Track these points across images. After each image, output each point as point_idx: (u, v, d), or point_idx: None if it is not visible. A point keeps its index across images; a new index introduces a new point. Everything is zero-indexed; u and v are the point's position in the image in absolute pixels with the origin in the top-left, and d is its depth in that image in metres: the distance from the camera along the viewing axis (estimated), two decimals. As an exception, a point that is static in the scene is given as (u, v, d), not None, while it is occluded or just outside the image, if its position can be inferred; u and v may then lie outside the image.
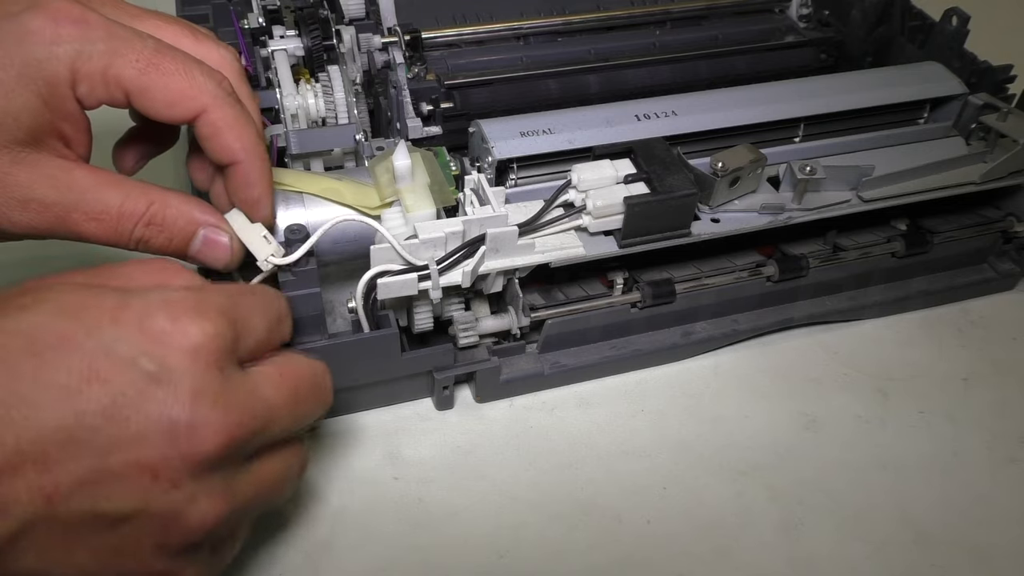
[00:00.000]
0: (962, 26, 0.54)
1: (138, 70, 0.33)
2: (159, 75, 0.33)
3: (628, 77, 0.56)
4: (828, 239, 0.51)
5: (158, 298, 0.29)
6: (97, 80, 0.33)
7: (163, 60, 0.34)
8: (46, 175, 0.34)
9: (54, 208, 0.34)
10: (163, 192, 0.36)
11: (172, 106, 0.34)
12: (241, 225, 0.38)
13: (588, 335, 0.47)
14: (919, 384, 0.49)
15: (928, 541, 0.42)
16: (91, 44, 0.33)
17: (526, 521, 0.41)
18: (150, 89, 0.33)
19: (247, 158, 0.36)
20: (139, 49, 0.33)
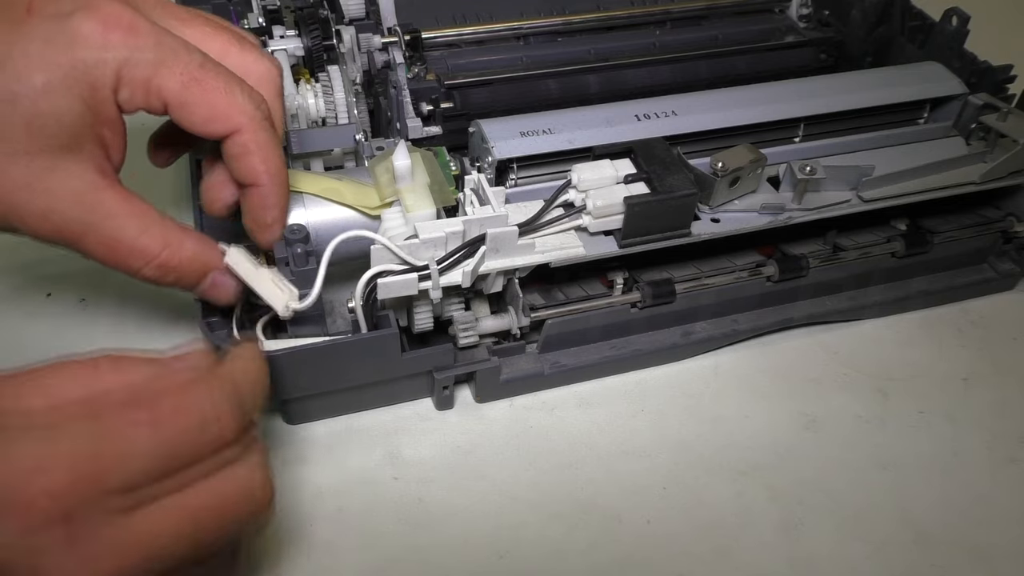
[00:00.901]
0: (962, 26, 0.54)
1: (181, 84, 0.33)
2: (201, 91, 0.34)
3: (628, 77, 0.56)
4: (828, 239, 0.51)
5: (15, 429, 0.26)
6: (139, 89, 0.33)
7: (207, 76, 0.34)
8: (73, 190, 0.33)
9: (71, 225, 0.34)
10: (180, 233, 0.36)
11: (208, 123, 0.34)
12: (247, 271, 0.37)
13: (588, 335, 0.47)
14: (919, 384, 0.49)
15: (928, 541, 0.42)
16: (139, 52, 0.33)
17: (526, 521, 0.41)
18: (190, 104, 0.34)
19: (269, 182, 0.36)
20: (185, 63, 0.34)
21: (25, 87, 0.32)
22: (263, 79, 0.37)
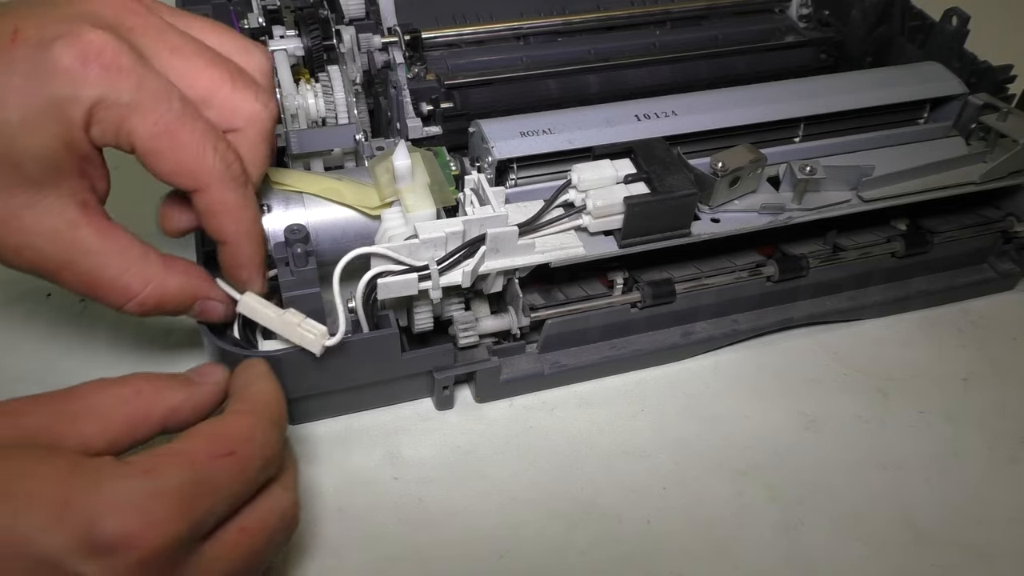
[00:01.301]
0: (962, 26, 0.54)
1: (152, 133, 0.32)
2: (171, 144, 0.32)
3: (628, 77, 0.56)
4: (828, 239, 0.51)
5: (108, 496, 0.27)
6: (110, 129, 0.32)
7: (181, 129, 0.32)
8: (51, 228, 0.32)
9: (47, 262, 0.33)
10: (163, 269, 0.35)
11: (173, 176, 0.33)
12: (266, 318, 0.37)
13: (588, 335, 0.47)
14: (919, 384, 0.49)
15: (928, 541, 0.42)
16: (115, 92, 0.31)
17: (526, 521, 0.41)
18: (158, 154, 0.33)
19: (237, 241, 0.35)
20: (162, 112, 0.32)
21: (3, 121, 0.31)
22: (252, 122, 0.35)
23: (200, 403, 0.33)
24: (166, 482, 0.28)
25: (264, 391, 0.34)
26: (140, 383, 0.31)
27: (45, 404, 0.29)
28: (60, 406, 0.29)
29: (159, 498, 0.28)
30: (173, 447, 0.30)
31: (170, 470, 0.28)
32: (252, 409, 0.33)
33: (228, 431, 0.31)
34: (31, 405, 0.29)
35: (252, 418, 0.32)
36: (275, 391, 0.34)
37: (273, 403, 0.34)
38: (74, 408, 0.29)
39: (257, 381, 0.34)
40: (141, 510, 0.27)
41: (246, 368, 0.36)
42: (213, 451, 0.30)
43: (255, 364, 0.36)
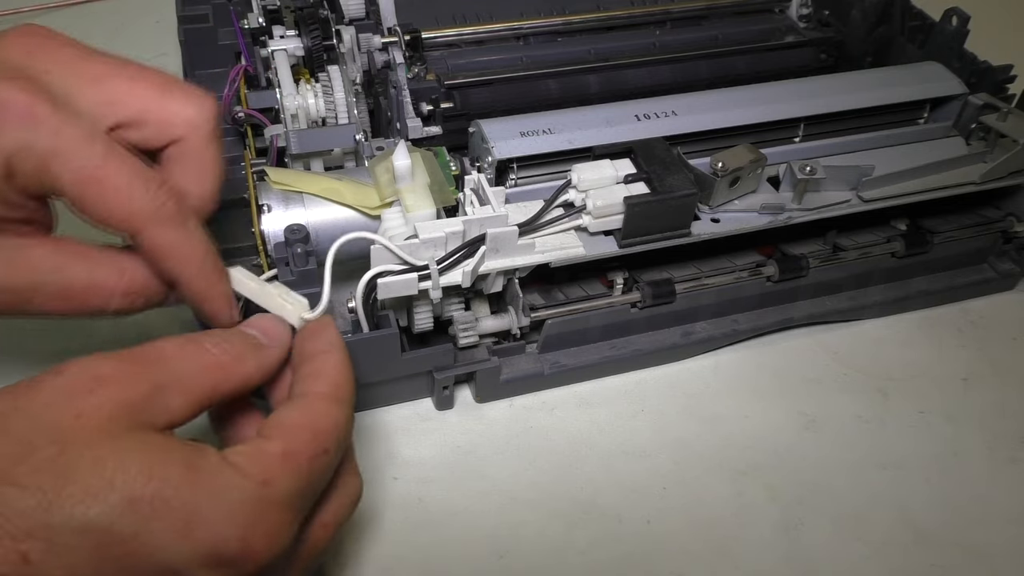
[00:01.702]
0: (962, 26, 0.54)
1: (77, 180, 0.30)
2: (97, 188, 0.30)
3: (628, 77, 0.56)
4: (828, 239, 0.51)
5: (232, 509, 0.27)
6: (31, 178, 0.30)
7: (106, 174, 0.30)
8: (1, 260, 0.31)
9: (16, 293, 0.32)
10: (132, 257, 0.33)
11: (105, 221, 0.31)
12: (252, 290, 0.36)
13: (588, 335, 0.47)
14: (919, 384, 0.49)
15: (928, 541, 0.42)
16: (33, 142, 0.29)
17: (526, 521, 0.41)
18: (85, 200, 0.30)
19: (187, 280, 0.33)
20: (83, 157, 0.30)
21: None
22: (191, 128, 0.34)
23: (268, 369, 0.33)
24: (282, 492, 0.28)
25: (340, 369, 0.33)
26: (220, 352, 0.31)
27: (135, 373, 0.28)
28: (150, 376, 0.28)
29: (277, 510, 0.28)
30: (279, 449, 0.29)
31: (283, 479, 0.29)
32: (335, 395, 0.32)
33: (321, 426, 0.31)
34: (120, 371, 0.28)
35: (337, 407, 0.32)
36: (349, 367, 0.33)
37: (350, 383, 0.33)
38: (162, 379, 0.29)
39: (330, 352, 0.33)
40: (263, 525, 0.28)
41: (315, 332, 0.34)
42: (312, 452, 0.30)
43: (325, 328, 0.34)
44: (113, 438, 0.26)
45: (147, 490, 0.26)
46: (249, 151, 0.50)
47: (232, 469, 0.28)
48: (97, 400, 0.27)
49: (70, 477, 0.25)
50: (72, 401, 0.26)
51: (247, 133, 0.51)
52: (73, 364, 0.28)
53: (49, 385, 0.27)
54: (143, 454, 0.26)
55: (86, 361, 0.28)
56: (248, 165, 0.46)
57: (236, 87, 0.51)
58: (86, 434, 0.26)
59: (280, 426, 0.30)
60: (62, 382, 0.27)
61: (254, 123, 0.51)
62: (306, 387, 0.32)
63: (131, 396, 0.27)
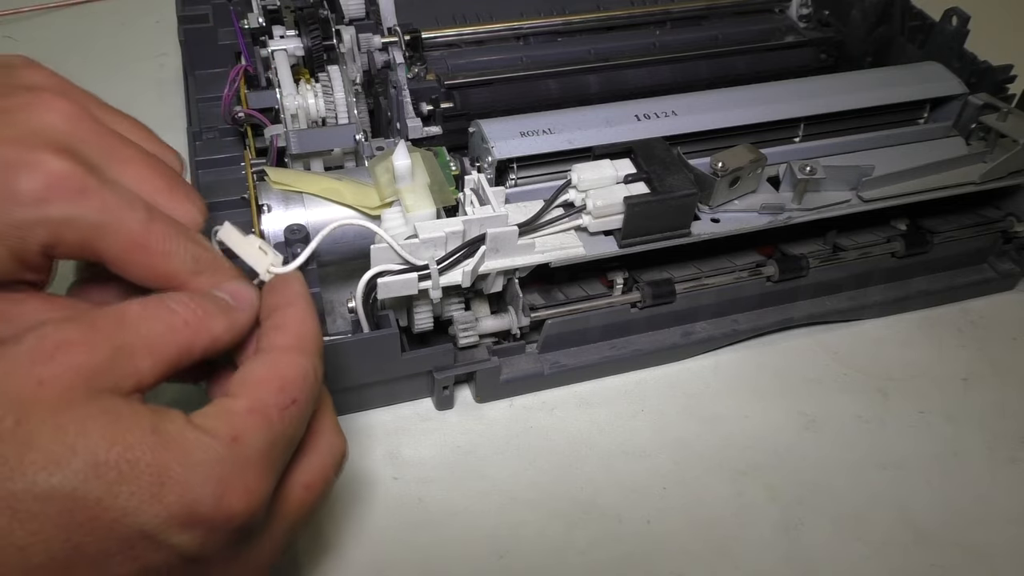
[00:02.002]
0: (962, 26, 0.54)
1: (123, 248, 0.31)
2: (142, 254, 0.31)
3: (628, 77, 0.56)
4: (828, 239, 0.51)
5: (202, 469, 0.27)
6: (74, 248, 0.31)
7: (149, 238, 0.31)
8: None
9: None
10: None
11: (146, 281, 0.32)
12: (236, 240, 0.36)
13: (588, 335, 0.47)
14: (919, 384, 0.49)
15: (928, 541, 0.42)
16: (81, 215, 0.30)
17: (526, 521, 0.41)
18: (130, 265, 0.32)
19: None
20: (129, 226, 0.31)
21: None
22: (189, 224, 0.34)
23: (239, 331, 0.32)
24: (252, 448, 0.28)
25: (303, 319, 0.33)
26: (186, 311, 0.30)
27: (98, 336, 0.28)
28: (114, 339, 0.28)
29: (249, 467, 0.28)
30: (246, 405, 0.29)
31: (253, 434, 0.28)
32: (300, 346, 0.32)
33: (287, 377, 0.30)
34: (83, 336, 0.27)
35: (302, 357, 0.31)
36: (314, 318, 0.33)
37: (315, 333, 0.33)
38: (127, 341, 0.28)
39: (294, 304, 0.33)
40: (236, 481, 0.27)
41: (280, 286, 0.34)
42: (280, 403, 0.30)
43: (290, 282, 0.34)
44: (75, 405, 0.26)
45: (111, 455, 0.25)
46: (249, 151, 0.50)
47: (199, 431, 0.28)
48: (58, 367, 0.26)
49: (31, 445, 0.25)
50: (33, 368, 0.26)
51: (247, 133, 0.51)
52: (33, 331, 0.27)
53: (10, 353, 0.26)
54: (106, 419, 0.26)
55: (47, 327, 0.27)
56: (248, 165, 0.46)
57: (236, 87, 0.51)
58: (47, 402, 0.25)
59: (244, 383, 0.30)
60: (23, 350, 0.26)
61: (254, 123, 0.51)
62: (270, 340, 0.32)
63: (94, 360, 0.27)
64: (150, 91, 0.67)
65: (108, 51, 0.71)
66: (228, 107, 0.51)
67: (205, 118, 0.57)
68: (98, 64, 0.70)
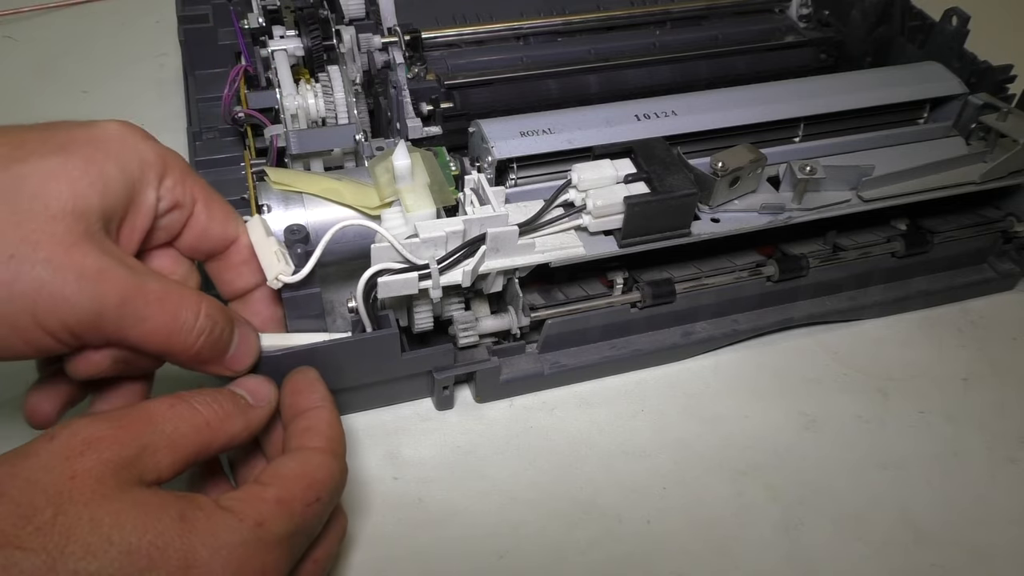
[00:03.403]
0: (962, 26, 0.54)
1: (203, 188, 0.35)
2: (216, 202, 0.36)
3: (628, 77, 0.56)
4: (828, 239, 0.51)
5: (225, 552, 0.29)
6: (178, 182, 0.34)
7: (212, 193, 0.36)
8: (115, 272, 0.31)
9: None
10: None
11: (224, 224, 0.36)
12: (259, 237, 0.38)
13: (588, 335, 0.47)
14: (919, 384, 0.49)
15: (928, 541, 0.42)
16: (172, 157, 0.34)
17: (526, 521, 0.41)
18: (211, 206, 0.36)
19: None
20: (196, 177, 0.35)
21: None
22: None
23: (256, 429, 0.34)
24: (274, 535, 0.30)
25: (332, 424, 0.35)
26: (208, 412, 0.32)
27: (125, 434, 0.29)
28: (140, 437, 0.30)
29: (269, 551, 0.30)
30: (274, 495, 0.31)
31: (276, 521, 0.30)
32: (330, 448, 0.34)
33: (316, 477, 0.33)
34: (111, 434, 0.29)
35: (331, 460, 0.34)
36: (339, 421, 0.36)
37: (342, 436, 0.35)
38: (151, 440, 0.30)
39: (322, 408, 0.35)
40: (257, 563, 0.29)
41: (305, 388, 0.36)
42: (306, 499, 0.32)
43: (313, 383, 0.37)
44: (107, 497, 0.28)
45: (143, 542, 0.27)
46: (249, 151, 0.50)
47: (226, 513, 0.29)
48: (89, 461, 0.28)
49: (70, 537, 0.26)
50: (67, 463, 0.28)
51: (247, 133, 0.51)
52: (65, 428, 0.29)
53: (44, 450, 0.28)
54: (137, 510, 0.28)
55: (77, 424, 0.29)
56: (248, 165, 0.46)
57: (236, 87, 0.51)
58: (81, 494, 0.27)
59: (277, 475, 0.32)
60: (56, 446, 0.28)
61: (254, 123, 0.51)
62: (301, 441, 0.34)
63: (121, 456, 0.29)
64: (150, 91, 0.67)
65: (108, 51, 0.71)
66: (228, 107, 0.51)
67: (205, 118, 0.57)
68: (98, 64, 0.69)
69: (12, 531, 0.26)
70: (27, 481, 0.27)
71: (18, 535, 0.26)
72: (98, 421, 0.29)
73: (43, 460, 0.28)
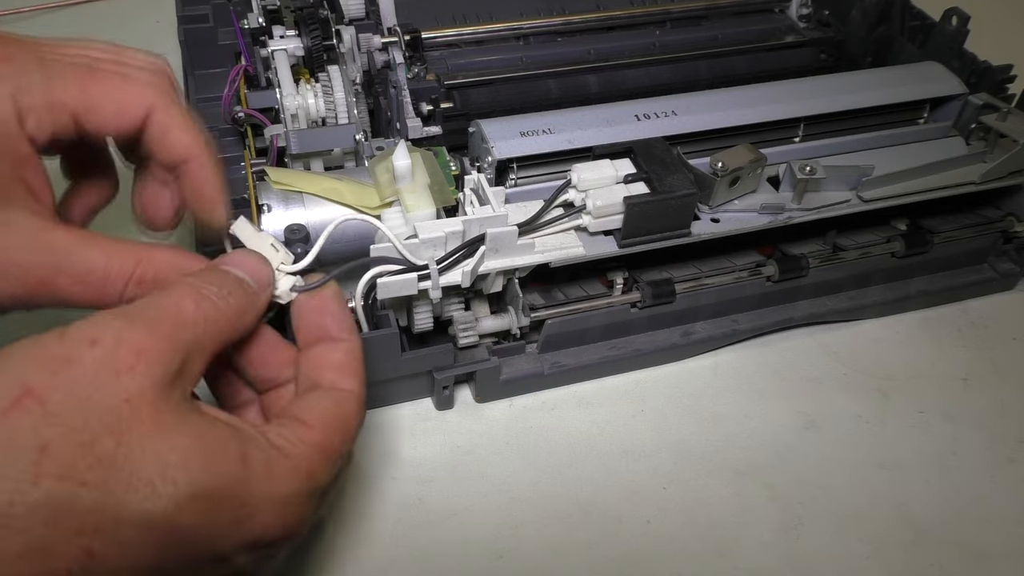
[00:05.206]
0: (962, 26, 0.54)
1: (80, 88, 0.31)
2: (101, 88, 0.32)
3: (628, 77, 0.56)
4: (828, 239, 0.51)
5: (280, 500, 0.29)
6: (42, 110, 0.31)
7: (100, 76, 0.32)
8: (24, 238, 0.31)
9: (35, 273, 0.31)
10: (147, 248, 0.33)
11: (121, 114, 0.32)
12: (249, 235, 0.37)
13: (588, 335, 0.47)
14: (919, 384, 0.49)
15: (927, 541, 0.42)
16: (26, 76, 0.31)
17: (526, 521, 0.41)
18: (95, 104, 0.32)
19: (199, 152, 0.34)
20: (74, 72, 0.32)
21: None
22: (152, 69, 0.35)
23: (261, 314, 0.34)
24: (319, 484, 0.30)
25: (362, 361, 0.34)
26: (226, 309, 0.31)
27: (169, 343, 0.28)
28: (181, 344, 0.28)
29: (313, 499, 0.30)
30: (320, 441, 0.30)
31: (321, 472, 0.30)
32: (362, 393, 0.33)
33: (351, 426, 0.32)
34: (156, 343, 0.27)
35: (362, 407, 0.33)
36: (361, 350, 0.34)
37: (363, 372, 0.34)
38: (191, 346, 0.28)
39: (353, 340, 0.34)
40: (303, 513, 0.29)
41: (333, 308, 0.35)
42: (342, 449, 0.31)
43: (342, 306, 0.35)
44: (167, 427, 0.26)
45: (208, 485, 0.26)
46: (249, 151, 0.50)
47: (282, 459, 0.29)
48: (141, 379, 0.26)
49: (135, 472, 0.25)
50: (118, 380, 0.26)
51: (247, 133, 0.51)
52: (106, 331, 0.27)
53: (89, 358, 0.26)
54: (200, 446, 0.27)
55: (113, 326, 0.27)
56: (248, 165, 0.46)
57: (236, 87, 0.51)
58: (140, 422, 0.25)
59: (320, 418, 0.31)
60: (102, 355, 0.26)
61: (254, 123, 0.51)
62: (334, 378, 0.33)
63: (168, 372, 0.27)
64: (150, 91, 0.67)
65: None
66: (228, 107, 0.51)
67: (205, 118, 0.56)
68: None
69: (71, 462, 0.24)
70: (78, 400, 0.25)
71: (78, 467, 0.24)
72: (136, 326, 0.27)
73: (90, 372, 0.25)
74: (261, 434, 0.29)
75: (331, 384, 0.33)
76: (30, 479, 0.23)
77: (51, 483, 0.24)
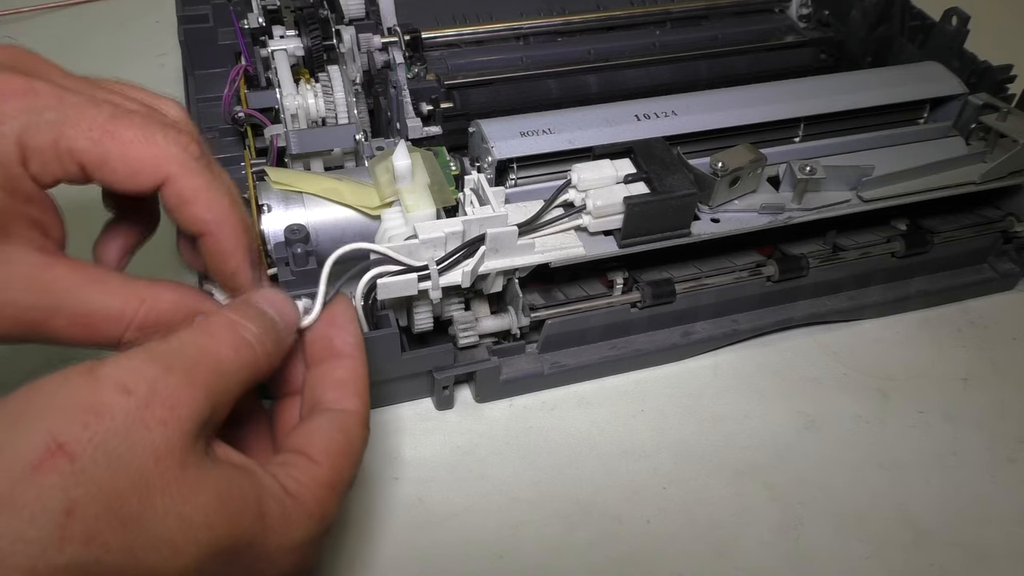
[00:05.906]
0: (962, 26, 0.54)
1: (92, 140, 0.29)
2: (116, 143, 0.30)
3: (628, 77, 0.56)
4: (828, 239, 0.51)
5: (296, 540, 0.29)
6: (49, 155, 0.29)
7: (119, 127, 0.30)
8: (21, 276, 0.29)
9: (31, 313, 0.29)
10: (152, 286, 0.31)
11: (133, 178, 0.30)
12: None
13: (588, 335, 0.47)
14: (919, 384, 0.49)
15: (927, 541, 0.42)
16: (39, 115, 0.29)
17: (526, 521, 0.41)
18: (108, 160, 0.30)
19: (218, 229, 0.32)
20: (92, 116, 0.30)
21: None
22: (181, 127, 0.33)
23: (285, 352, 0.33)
24: (329, 521, 0.30)
25: (366, 379, 0.33)
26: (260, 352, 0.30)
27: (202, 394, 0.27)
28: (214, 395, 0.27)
29: (323, 535, 0.30)
30: (328, 478, 0.30)
31: (332, 510, 0.30)
32: (365, 413, 0.33)
33: (357, 451, 0.32)
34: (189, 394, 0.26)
35: (365, 429, 0.33)
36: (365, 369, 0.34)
37: (367, 391, 0.33)
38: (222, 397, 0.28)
39: (358, 357, 0.33)
40: (314, 551, 0.30)
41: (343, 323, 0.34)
42: (349, 478, 0.31)
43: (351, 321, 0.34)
44: (191, 487, 0.25)
45: (228, 546, 0.26)
46: (249, 151, 0.50)
47: (297, 505, 0.29)
48: (172, 434, 0.25)
49: (156, 535, 0.24)
50: (149, 436, 0.25)
51: (247, 133, 0.51)
52: (139, 380, 0.25)
53: (121, 411, 0.25)
54: (222, 505, 0.26)
55: (152, 377, 0.26)
56: (248, 165, 0.46)
57: (236, 87, 0.51)
58: (167, 483, 0.25)
59: (325, 449, 0.31)
60: (135, 407, 0.25)
61: (254, 123, 0.51)
62: (338, 397, 0.32)
63: (199, 423, 0.26)
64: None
65: (108, 51, 0.71)
66: (228, 107, 0.51)
67: (205, 118, 0.57)
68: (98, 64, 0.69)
69: (96, 526, 0.23)
70: (108, 457, 0.24)
71: (103, 532, 0.23)
72: (172, 376, 0.26)
73: (121, 427, 0.24)
74: (273, 477, 0.29)
75: (332, 404, 0.32)
76: (56, 544, 0.23)
77: (76, 549, 0.23)
